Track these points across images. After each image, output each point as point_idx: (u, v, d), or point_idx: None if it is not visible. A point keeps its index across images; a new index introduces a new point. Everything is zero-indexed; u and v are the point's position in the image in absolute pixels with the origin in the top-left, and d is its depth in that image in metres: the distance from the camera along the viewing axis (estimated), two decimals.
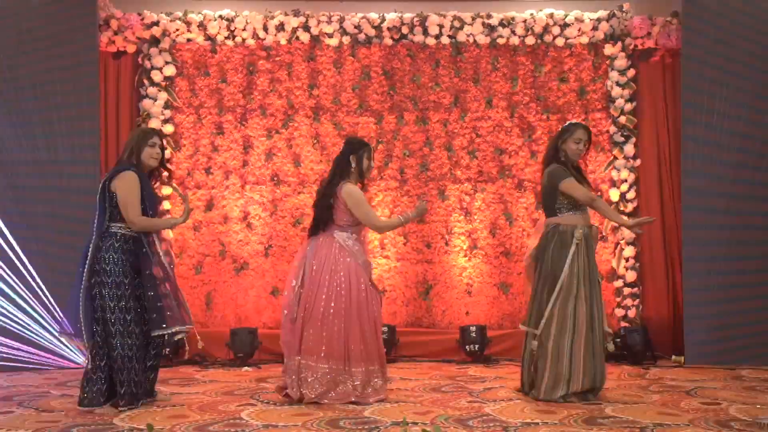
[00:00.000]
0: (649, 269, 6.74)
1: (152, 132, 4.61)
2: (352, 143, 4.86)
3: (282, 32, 6.91)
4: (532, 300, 4.75)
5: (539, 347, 4.62)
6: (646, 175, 6.79)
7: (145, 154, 4.47)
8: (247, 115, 6.96)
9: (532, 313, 4.71)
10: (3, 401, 4.66)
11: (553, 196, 4.70)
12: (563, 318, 4.57)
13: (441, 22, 6.91)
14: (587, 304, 4.58)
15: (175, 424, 3.95)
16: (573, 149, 4.75)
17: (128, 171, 4.37)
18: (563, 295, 4.58)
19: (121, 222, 4.36)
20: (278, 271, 6.84)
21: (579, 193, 4.67)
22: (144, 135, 4.53)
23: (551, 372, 4.56)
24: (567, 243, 4.62)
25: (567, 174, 4.68)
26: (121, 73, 6.85)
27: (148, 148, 4.47)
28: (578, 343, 4.55)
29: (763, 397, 4.74)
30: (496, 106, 6.97)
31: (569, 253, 4.59)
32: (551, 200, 4.72)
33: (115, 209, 4.35)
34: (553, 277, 4.61)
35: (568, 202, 4.67)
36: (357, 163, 4.76)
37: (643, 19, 6.84)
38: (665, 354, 6.46)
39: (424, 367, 6.14)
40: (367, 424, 3.95)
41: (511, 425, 3.93)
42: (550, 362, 4.56)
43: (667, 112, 6.81)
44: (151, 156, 4.49)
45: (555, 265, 4.62)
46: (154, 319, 4.33)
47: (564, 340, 4.56)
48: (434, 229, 6.94)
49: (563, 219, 4.68)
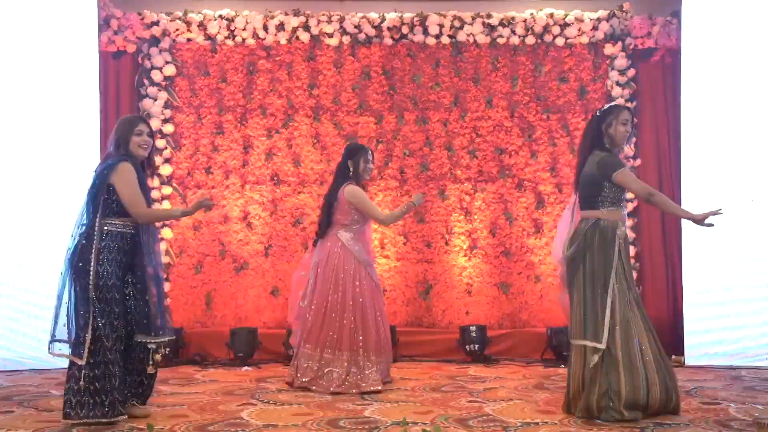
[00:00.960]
0: (649, 269, 6.74)
1: (137, 119, 4.25)
2: (350, 149, 5.30)
3: (282, 32, 6.91)
4: (581, 308, 4.09)
5: (606, 360, 4.00)
6: (646, 175, 6.77)
7: (133, 144, 4.12)
8: (247, 115, 6.96)
9: (585, 324, 4.05)
10: (3, 401, 4.66)
11: (598, 188, 4.12)
12: (626, 324, 4.04)
13: (441, 22, 6.91)
14: (639, 308, 4.14)
15: (175, 424, 3.95)
16: (621, 132, 4.18)
17: (123, 162, 4.05)
18: (619, 298, 4.06)
19: (114, 218, 4.04)
20: (278, 270, 6.85)
21: (637, 186, 4.18)
22: (129, 124, 4.17)
23: (628, 386, 3.96)
24: (609, 241, 4.08)
25: (622, 163, 4.16)
26: (121, 73, 6.85)
27: (134, 137, 4.12)
28: (647, 352, 4.06)
29: (763, 397, 4.74)
30: (496, 106, 6.97)
31: (614, 252, 4.08)
32: (595, 192, 4.14)
33: (113, 204, 4.03)
34: (603, 279, 4.05)
35: (613, 196, 4.13)
36: (354, 166, 5.16)
37: (643, 19, 6.84)
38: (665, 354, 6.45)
39: (424, 367, 6.14)
40: (367, 424, 3.95)
41: (511, 425, 3.93)
42: (624, 376, 3.97)
43: (667, 112, 6.81)
44: (139, 145, 4.13)
45: (601, 266, 4.07)
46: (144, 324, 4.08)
47: (633, 349, 4.02)
48: (434, 229, 6.94)
49: (604, 214, 4.12)
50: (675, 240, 6.64)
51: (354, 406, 4.43)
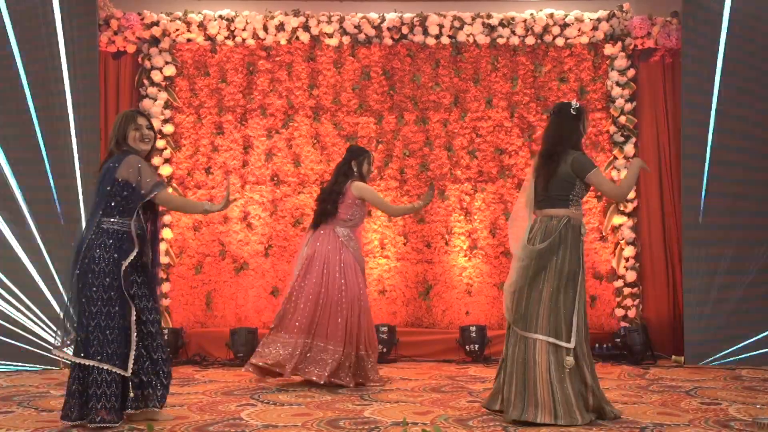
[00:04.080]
0: (649, 269, 6.74)
1: (135, 114, 4.10)
2: (354, 150, 5.43)
3: (282, 32, 6.91)
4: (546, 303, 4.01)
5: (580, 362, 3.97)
6: (646, 175, 6.78)
7: (131, 139, 3.99)
8: (247, 115, 6.96)
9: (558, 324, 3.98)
10: (3, 401, 4.65)
11: (570, 186, 4.08)
12: (585, 325, 4.06)
13: (441, 22, 6.91)
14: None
15: (175, 425, 3.95)
16: (587, 133, 4.19)
17: (130, 155, 3.94)
18: (582, 299, 4.04)
19: (117, 217, 3.92)
20: (278, 271, 6.85)
21: (608, 187, 4.23)
22: (126, 119, 4.04)
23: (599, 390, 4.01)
24: (578, 240, 4.08)
25: (594, 164, 4.12)
26: (121, 73, 6.86)
27: (132, 132, 4.00)
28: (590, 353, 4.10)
29: (763, 397, 4.74)
30: (496, 106, 6.97)
31: (582, 251, 4.08)
32: (567, 190, 4.08)
33: (120, 202, 3.91)
34: (574, 279, 4.03)
35: (581, 195, 4.13)
36: (358, 168, 5.29)
37: (643, 19, 6.84)
38: (665, 354, 6.46)
39: (424, 367, 6.15)
40: (367, 424, 3.95)
41: (511, 425, 3.93)
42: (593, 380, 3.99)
43: (667, 112, 6.81)
44: (138, 139, 4.01)
45: (574, 264, 4.03)
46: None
47: (586, 349, 4.04)
48: (434, 229, 6.94)
49: (573, 213, 4.10)
50: (675, 240, 6.65)
51: (354, 406, 4.43)
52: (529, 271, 4.05)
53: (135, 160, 3.95)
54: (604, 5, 6.94)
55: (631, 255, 6.75)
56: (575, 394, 3.91)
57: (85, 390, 3.85)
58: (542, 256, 4.03)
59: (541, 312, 4.01)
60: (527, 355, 3.99)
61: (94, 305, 3.86)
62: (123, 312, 3.91)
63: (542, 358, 3.95)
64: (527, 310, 4.05)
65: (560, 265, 4.03)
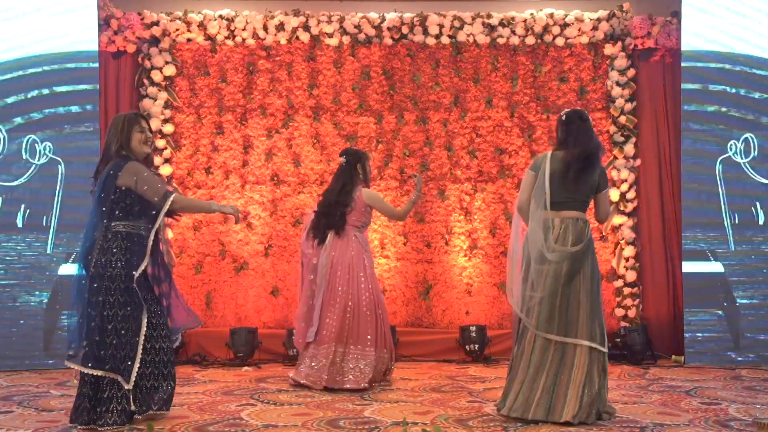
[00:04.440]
0: (649, 269, 6.74)
1: (136, 116, 4.08)
2: (354, 153, 5.36)
3: (282, 32, 6.91)
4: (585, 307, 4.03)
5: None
6: (646, 175, 6.79)
7: (135, 141, 3.99)
8: (247, 115, 6.96)
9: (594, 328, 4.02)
10: (3, 401, 4.66)
11: (592, 192, 4.15)
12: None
13: (441, 22, 6.91)
14: None
15: (175, 424, 3.95)
16: None
17: (131, 162, 3.94)
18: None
19: (124, 221, 3.91)
20: (278, 271, 6.85)
21: (608, 208, 4.33)
22: (129, 122, 4.02)
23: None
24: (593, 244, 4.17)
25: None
26: (121, 73, 6.85)
27: (137, 135, 4.00)
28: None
29: (763, 397, 4.74)
30: (496, 106, 6.97)
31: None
32: (588, 196, 4.15)
33: (126, 207, 3.90)
34: (600, 283, 4.13)
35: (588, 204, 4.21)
36: (363, 171, 5.29)
37: (643, 19, 6.84)
38: (665, 354, 6.46)
39: (424, 367, 6.15)
40: (367, 424, 3.95)
41: (511, 425, 3.93)
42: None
43: (667, 112, 6.81)
44: (143, 142, 4.02)
45: (598, 269, 4.14)
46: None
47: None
48: (434, 229, 6.94)
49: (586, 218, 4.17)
50: (675, 240, 6.64)
51: (354, 406, 4.43)
52: (561, 274, 3.99)
53: (135, 167, 3.93)
54: (604, 5, 6.93)
55: (631, 255, 6.75)
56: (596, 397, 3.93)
57: (95, 394, 3.84)
58: (578, 258, 4.01)
59: (581, 316, 4.01)
60: (565, 359, 3.97)
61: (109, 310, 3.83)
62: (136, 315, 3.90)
63: (580, 361, 3.95)
64: (567, 316, 4.00)
65: (591, 269, 4.07)
